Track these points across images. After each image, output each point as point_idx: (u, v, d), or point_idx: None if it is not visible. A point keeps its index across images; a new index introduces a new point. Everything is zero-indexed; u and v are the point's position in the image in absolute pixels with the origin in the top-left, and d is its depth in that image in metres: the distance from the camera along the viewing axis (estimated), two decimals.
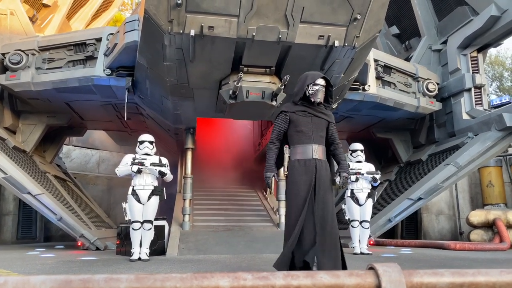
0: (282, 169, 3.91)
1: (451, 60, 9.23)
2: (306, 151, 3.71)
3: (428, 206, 11.59)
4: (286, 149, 3.81)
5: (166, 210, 9.28)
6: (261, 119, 8.11)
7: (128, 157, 6.11)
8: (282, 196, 8.40)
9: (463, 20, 9.00)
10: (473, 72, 8.91)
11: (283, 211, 8.28)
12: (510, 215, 9.47)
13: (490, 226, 9.61)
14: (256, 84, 5.93)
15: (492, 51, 22.30)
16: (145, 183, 5.98)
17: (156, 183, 6.11)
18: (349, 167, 4.20)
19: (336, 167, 4.03)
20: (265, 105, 6.17)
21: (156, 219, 6.35)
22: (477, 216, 9.78)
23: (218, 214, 8.68)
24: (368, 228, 6.89)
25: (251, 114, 6.98)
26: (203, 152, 11.34)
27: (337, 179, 3.92)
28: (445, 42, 9.61)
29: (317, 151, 3.70)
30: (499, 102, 13.72)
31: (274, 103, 6.14)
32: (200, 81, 6.21)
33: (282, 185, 8.56)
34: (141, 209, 5.93)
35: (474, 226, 9.89)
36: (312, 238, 3.53)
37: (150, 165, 5.97)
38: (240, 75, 5.50)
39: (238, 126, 12.24)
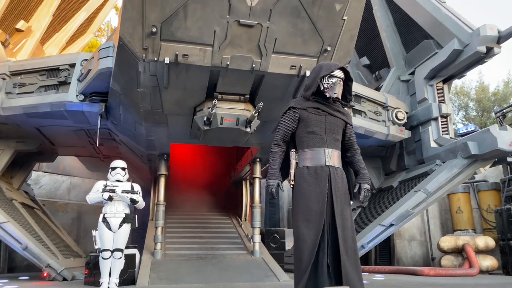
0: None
1: (418, 90, 9.61)
2: (317, 157, 3.10)
3: (401, 232, 11.76)
4: (292, 154, 3.20)
5: (137, 238, 9.07)
6: (235, 145, 8.15)
7: (100, 184, 6.01)
8: (257, 223, 8.38)
9: (428, 52, 9.44)
10: (439, 102, 9.28)
11: (257, 238, 8.24)
12: (478, 240, 9.72)
13: (460, 251, 9.82)
14: (230, 111, 6.00)
15: (457, 82, 23.37)
16: (116, 211, 5.88)
17: (127, 211, 6.00)
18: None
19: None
20: (239, 131, 6.24)
21: (126, 247, 6.21)
22: (447, 241, 9.99)
23: (191, 242, 8.55)
24: None
25: (226, 140, 7.03)
26: (177, 178, 11.24)
27: (357, 191, 3.32)
28: (412, 73, 10.02)
29: (331, 157, 3.11)
30: (465, 131, 14.31)
31: (248, 129, 6.23)
32: (174, 108, 6.24)
33: (257, 211, 8.55)
34: (112, 237, 5.80)
35: (445, 252, 10.07)
36: (329, 263, 2.96)
37: (122, 192, 5.89)
38: (215, 102, 5.57)
39: (213, 152, 12.23)
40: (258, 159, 8.96)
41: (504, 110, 14.24)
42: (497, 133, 7.76)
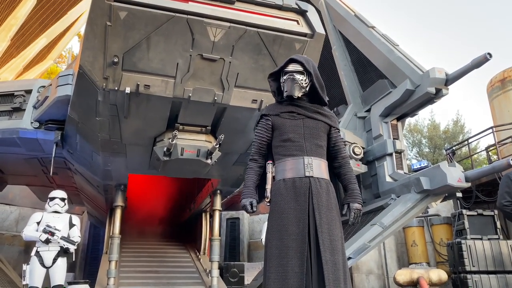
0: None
1: (374, 127, 10.01)
2: (295, 167, 2.63)
3: (359, 266, 11.89)
4: (269, 166, 2.78)
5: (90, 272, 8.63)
6: (196, 177, 8.08)
7: (37, 216, 5.79)
8: (215, 257, 8.21)
9: (383, 91, 9.92)
10: (393, 139, 9.68)
11: (215, 272, 8.06)
12: (431, 274, 9.97)
13: (414, 285, 10.02)
14: (191, 142, 5.99)
15: (411, 120, 24.61)
16: (50, 244, 5.67)
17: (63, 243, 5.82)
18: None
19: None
20: (200, 163, 6.21)
21: (76, 282, 5.93)
22: (403, 275, 10.19)
23: (147, 277, 8.22)
24: None
25: (186, 171, 6.96)
26: (134, 210, 10.91)
27: (346, 213, 2.82)
28: (369, 110, 10.45)
29: (311, 166, 2.63)
30: (419, 166, 14.93)
31: (209, 161, 6.21)
32: (134, 138, 6.16)
33: (216, 244, 8.39)
34: (43, 274, 5.52)
35: (401, 285, 10.24)
36: None
37: (61, 238, 5.70)
38: (175, 133, 5.55)
39: (172, 183, 12.03)
40: (218, 191, 8.89)
41: (454, 148, 15.06)
42: (446, 169, 8.14)
